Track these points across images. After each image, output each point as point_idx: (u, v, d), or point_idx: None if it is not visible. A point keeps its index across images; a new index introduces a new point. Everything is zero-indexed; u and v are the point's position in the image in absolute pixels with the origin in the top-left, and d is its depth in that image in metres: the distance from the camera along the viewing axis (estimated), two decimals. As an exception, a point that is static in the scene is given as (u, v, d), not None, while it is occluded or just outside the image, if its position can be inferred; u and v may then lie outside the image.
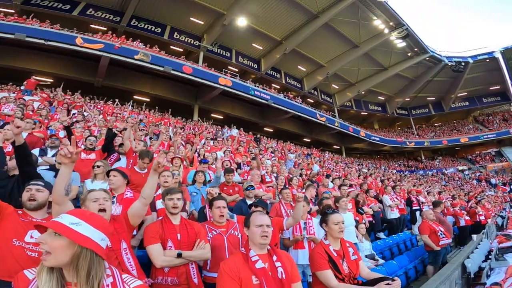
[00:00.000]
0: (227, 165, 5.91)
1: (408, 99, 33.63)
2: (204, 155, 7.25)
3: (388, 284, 1.97)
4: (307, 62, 26.37)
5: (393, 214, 6.80)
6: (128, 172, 3.21)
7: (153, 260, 2.09)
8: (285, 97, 22.58)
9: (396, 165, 32.44)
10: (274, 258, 1.86)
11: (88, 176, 3.56)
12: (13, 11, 17.21)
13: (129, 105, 14.92)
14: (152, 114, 15.23)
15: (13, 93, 11.14)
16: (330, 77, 26.74)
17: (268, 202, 4.54)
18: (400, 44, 25.24)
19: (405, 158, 35.95)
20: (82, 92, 14.42)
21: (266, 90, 21.74)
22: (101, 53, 15.42)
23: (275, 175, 6.77)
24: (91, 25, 19.55)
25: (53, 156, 4.12)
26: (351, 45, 24.89)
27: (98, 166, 3.43)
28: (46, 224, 1.05)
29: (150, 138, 8.20)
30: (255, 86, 21.35)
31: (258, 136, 17.87)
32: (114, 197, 2.65)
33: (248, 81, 21.77)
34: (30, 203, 2.01)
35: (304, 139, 28.86)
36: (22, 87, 11.65)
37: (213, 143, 10.65)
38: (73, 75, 16.80)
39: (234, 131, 15.97)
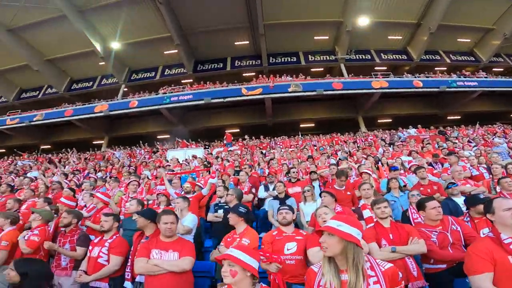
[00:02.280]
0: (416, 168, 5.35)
1: None
2: (387, 163, 6.93)
3: None
4: (467, 32, 21.23)
5: None
6: (333, 190, 4.11)
7: (373, 256, 2.14)
8: (459, 76, 18.41)
9: None
10: None
11: (300, 200, 4.38)
12: (191, 80, 21.83)
13: (298, 136, 15.43)
14: (322, 137, 15.12)
15: (221, 147, 13.40)
16: (511, 37, 20.34)
17: (481, 196, 4.09)
18: None
19: None
20: (260, 133, 16.08)
21: (431, 76, 18.43)
22: (262, 96, 16.95)
23: (484, 166, 5.78)
24: (243, 74, 22.38)
25: (273, 189, 5.18)
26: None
27: (308, 191, 4.22)
28: (328, 229, 1.51)
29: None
30: (414, 76, 18.48)
31: (442, 128, 14.92)
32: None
33: (404, 74, 19.17)
34: (282, 221, 2.81)
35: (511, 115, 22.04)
36: (225, 141, 13.90)
37: (393, 148, 9.63)
38: (250, 121, 19.29)
39: (412, 131, 14.07)
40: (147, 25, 19.76)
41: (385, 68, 21.59)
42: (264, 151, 12.13)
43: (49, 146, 22.34)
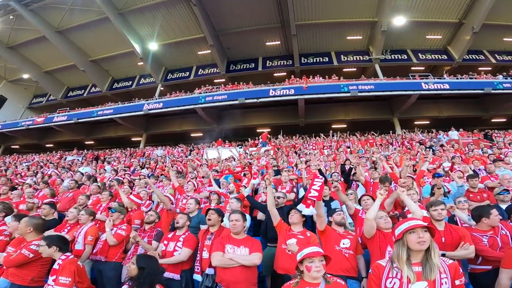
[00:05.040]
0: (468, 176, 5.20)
1: None
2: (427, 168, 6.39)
3: None
4: (513, 31, 19.89)
5: None
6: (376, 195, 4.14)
7: None
8: (506, 78, 17.21)
9: None
10: None
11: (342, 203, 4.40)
12: (224, 79, 22.40)
13: (332, 135, 15.31)
14: (356, 139, 14.88)
15: (254, 146, 13.69)
16: None
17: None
18: None
19: None
20: (292, 132, 16.15)
21: (475, 77, 17.45)
22: (296, 97, 16.94)
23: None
24: (274, 75, 22.54)
25: None
26: None
27: (351, 194, 4.41)
28: (419, 225, 1.73)
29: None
30: (456, 78, 17.60)
31: (487, 131, 14.12)
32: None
33: (445, 75, 18.29)
34: (342, 220, 3.11)
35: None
36: (260, 140, 14.16)
37: (433, 153, 9.11)
38: (282, 121, 19.37)
39: (454, 134, 13.39)
40: (182, 26, 20.56)
41: (423, 68, 20.77)
42: (297, 151, 12.24)
43: (92, 142, 24.00)
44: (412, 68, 20.68)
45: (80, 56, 22.93)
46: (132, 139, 23.17)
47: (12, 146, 25.85)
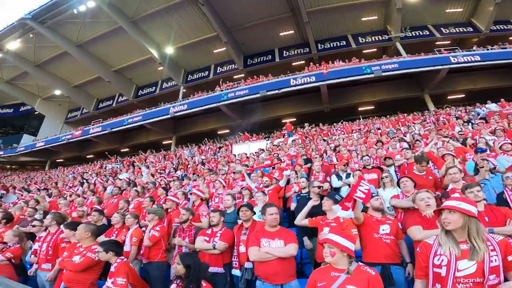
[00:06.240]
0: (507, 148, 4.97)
1: None
2: (465, 143, 6.18)
3: None
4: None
5: None
6: (413, 176, 3.99)
7: None
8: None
9: None
10: None
11: (377, 187, 4.48)
12: (243, 74, 22.62)
13: (361, 120, 15.06)
14: (387, 120, 14.51)
15: (282, 137, 13.85)
16: None
17: None
18: None
19: None
20: (318, 120, 15.98)
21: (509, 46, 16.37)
22: (318, 84, 16.78)
23: None
24: (293, 64, 22.35)
25: (346, 177, 5.37)
26: None
27: (386, 177, 4.23)
28: (451, 207, 1.75)
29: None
30: (487, 48, 16.61)
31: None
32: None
33: (474, 46, 17.29)
34: (380, 206, 3.04)
35: None
36: (285, 131, 14.30)
37: (472, 127, 8.59)
38: (307, 109, 19.40)
39: (492, 105, 12.56)
40: (194, 27, 20.86)
41: (449, 42, 19.76)
42: (325, 138, 12.13)
43: (127, 149, 25.24)
44: (437, 43, 19.75)
45: (103, 68, 23.97)
46: (163, 142, 24.06)
47: (57, 160, 27.78)
